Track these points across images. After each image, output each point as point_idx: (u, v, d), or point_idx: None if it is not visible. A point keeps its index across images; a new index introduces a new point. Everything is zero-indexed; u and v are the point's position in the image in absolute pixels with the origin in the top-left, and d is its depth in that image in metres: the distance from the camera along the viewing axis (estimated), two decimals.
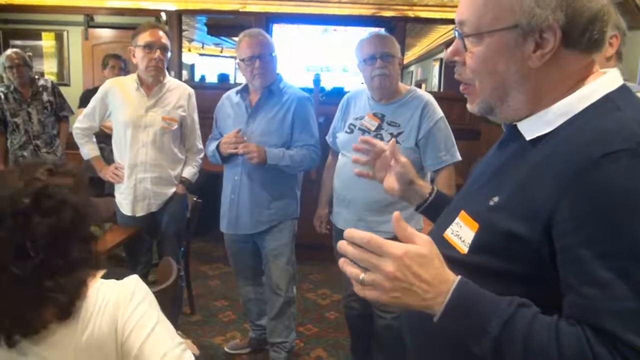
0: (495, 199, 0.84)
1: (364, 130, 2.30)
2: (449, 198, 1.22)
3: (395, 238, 2.17)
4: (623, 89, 0.82)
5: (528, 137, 0.85)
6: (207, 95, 3.53)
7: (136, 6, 5.23)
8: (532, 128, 0.84)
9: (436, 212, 1.16)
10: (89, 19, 5.51)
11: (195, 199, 3.14)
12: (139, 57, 2.57)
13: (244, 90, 2.56)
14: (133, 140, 2.60)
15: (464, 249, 0.86)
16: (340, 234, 2.44)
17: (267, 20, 5.25)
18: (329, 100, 4.45)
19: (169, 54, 2.64)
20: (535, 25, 0.78)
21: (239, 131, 2.42)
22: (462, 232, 0.88)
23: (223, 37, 7.38)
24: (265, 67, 2.41)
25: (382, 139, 2.25)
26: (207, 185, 3.31)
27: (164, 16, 5.24)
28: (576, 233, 0.72)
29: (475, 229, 0.85)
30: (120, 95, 2.63)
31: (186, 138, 2.75)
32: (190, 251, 3.27)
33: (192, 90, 2.76)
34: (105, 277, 1.12)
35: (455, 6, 0.90)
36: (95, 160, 2.77)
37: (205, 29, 7.28)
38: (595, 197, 0.71)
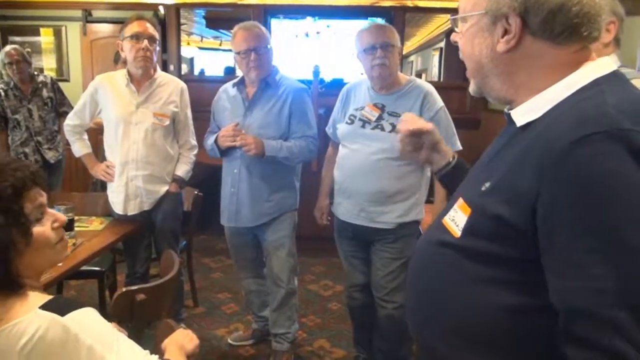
0: (487, 184, 0.87)
1: (365, 121, 2.30)
2: (468, 167, 1.24)
3: (395, 230, 2.21)
4: (613, 75, 0.83)
5: (518, 124, 0.89)
6: (207, 89, 3.53)
7: (134, 0, 5.21)
8: (522, 115, 0.88)
9: (455, 178, 1.19)
10: (87, 14, 5.48)
11: (196, 192, 3.15)
12: (126, 49, 2.55)
13: (241, 83, 2.55)
14: (124, 137, 2.58)
15: (457, 233, 0.89)
16: (341, 225, 2.46)
17: (265, 13, 5.23)
18: (329, 91, 4.44)
19: (158, 47, 2.61)
20: (498, 11, 0.85)
21: (237, 124, 2.42)
22: (457, 218, 0.91)
23: (222, 30, 7.35)
24: (261, 60, 2.41)
25: (382, 129, 2.25)
26: (209, 178, 3.32)
27: (162, 10, 5.22)
28: (554, 217, 0.75)
29: (468, 213, 0.88)
30: (110, 92, 2.61)
31: (179, 134, 2.72)
32: (192, 245, 3.29)
33: (184, 85, 2.74)
34: (46, 307, 0.99)
35: None
36: (87, 157, 2.75)
37: (203, 22, 7.25)
38: (570, 181, 0.73)
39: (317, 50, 5.45)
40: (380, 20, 4.75)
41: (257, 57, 2.40)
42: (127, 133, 2.58)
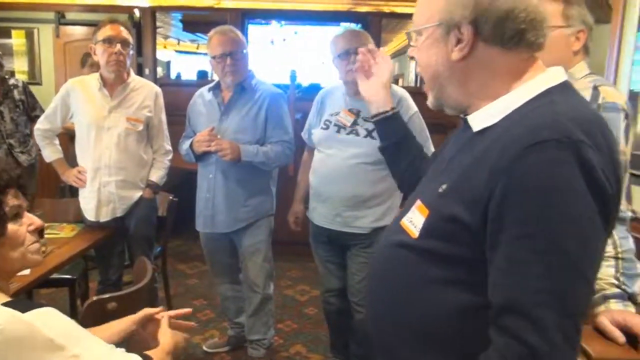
0: (444, 186, 0.91)
1: (340, 126, 2.31)
2: (406, 128, 1.41)
3: (371, 234, 2.24)
4: (564, 85, 0.88)
5: (475, 129, 0.92)
6: (183, 93, 3.50)
7: (109, 3, 5.14)
8: (479, 120, 0.92)
9: (389, 129, 1.36)
10: (60, 16, 5.39)
11: (171, 197, 3.11)
12: (99, 53, 2.51)
13: (216, 88, 2.54)
14: (96, 142, 2.54)
15: (415, 233, 0.93)
16: (316, 230, 2.46)
17: (242, 17, 5.21)
18: (306, 96, 4.44)
19: (132, 51, 2.58)
20: (451, 21, 0.89)
21: (213, 129, 2.40)
22: (415, 219, 0.94)
23: (199, 34, 7.30)
24: (237, 64, 2.40)
25: (357, 134, 2.26)
26: (184, 183, 3.28)
27: (137, 13, 5.17)
28: (503, 216, 0.79)
29: (425, 215, 0.92)
30: (82, 96, 2.57)
31: (153, 139, 2.69)
32: (167, 250, 3.25)
33: (159, 90, 2.71)
34: (7, 305, 1.00)
35: None
36: (58, 163, 2.70)
37: (180, 25, 7.20)
38: (521, 183, 0.77)
39: (295, 55, 5.45)
40: (356, 26, 4.78)
41: (233, 62, 2.39)
42: (99, 138, 2.54)
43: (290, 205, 2.64)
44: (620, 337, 1.14)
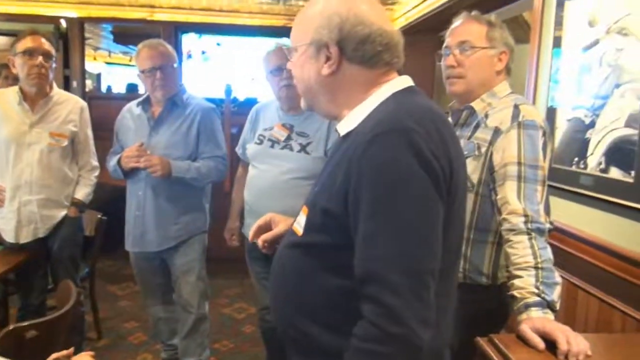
0: (317, 186, 1.07)
1: (274, 141, 2.30)
2: None
3: None
4: (408, 90, 1.04)
5: (341, 133, 1.07)
6: (114, 107, 3.37)
7: (32, 12, 4.89)
8: (343, 126, 1.06)
9: None
10: None
11: (99, 216, 2.98)
12: (19, 65, 2.39)
13: (146, 102, 2.47)
14: (16, 159, 2.40)
15: (300, 231, 1.06)
16: (251, 246, 2.42)
17: (176, 30, 5.12)
18: (242, 110, 4.40)
19: (54, 63, 2.48)
20: (320, 41, 1.02)
21: (142, 144, 2.33)
22: (300, 220, 1.07)
23: (131, 46, 7.11)
24: (167, 79, 2.35)
25: (291, 149, 2.25)
26: (114, 200, 3.14)
27: (64, 23, 4.96)
28: (358, 199, 0.91)
29: (306, 213, 1.05)
30: (0, 110, 2.43)
31: (79, 155, 2.58)
32: (95, 272, 3.10)
33: (84, 103, 2.61)
34: None
35: None
36: None
37: (111, 36, 6.98)
38: (368, 168, 0.91)
39: (230, 69, 5.40)
40: (289, 41, 4.81)
41: (163, 76, 2.34)
42: (19, 155, 2.40)
43: (226, 221, 2.59)
44: (540, 344, 1.19)
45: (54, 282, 2.60)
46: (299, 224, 1.07)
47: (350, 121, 1.04)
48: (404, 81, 1.06)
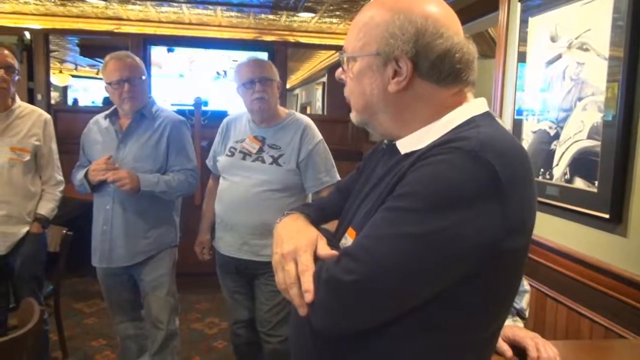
0: (369, 205, 0.92)
1: (245, 153, 2.29)
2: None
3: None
4: (487, 115, 0.91)
5: (403, 151, 0.93)
6: (80, 120, 3.30)
7: None
8: (407, 145, 0.92)
9: None
10: None
11: (64, 231, 2.90)
12: None
13: (114, 115, 2.42)
14: None
15: None
16: (223, 260, 2.40)
17: (144, 42, 5.07)
18: (213, 123, 4.37)
19: (17, 76, 2.41)
20: (390, 54, 0.88)
21: (110, 157, 2.28)
22: (347, 244, 0.94)
23: (98, 59, 7.00)
24: (135, 91, 2.32)
25: (263, 161, 2.25)
26: (81, 215, 3.07)
27: (27, 35, 4.85)
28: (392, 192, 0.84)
29: (353, 237, 0.93)
30: None
31: (42, 169, 2.51)
32: (60, 289, 3.00)
33: (48, 116, 2.54)
34: None
35: (333, 33, 1.01)
36: None
37: (77, 49, 6.86)
38: (416, 183, 0.80)
39: (201, 82, 5.37)
40: (262, 54, 4.82)
41: (131, 88, 2.30)
42: None
43: (197, 234, 2.55)
44: (508, 351, 1.20)
45: (15, 301, 2.51)
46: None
47: (416, 140, 0.90)
48: (482, 104, 0.93)
